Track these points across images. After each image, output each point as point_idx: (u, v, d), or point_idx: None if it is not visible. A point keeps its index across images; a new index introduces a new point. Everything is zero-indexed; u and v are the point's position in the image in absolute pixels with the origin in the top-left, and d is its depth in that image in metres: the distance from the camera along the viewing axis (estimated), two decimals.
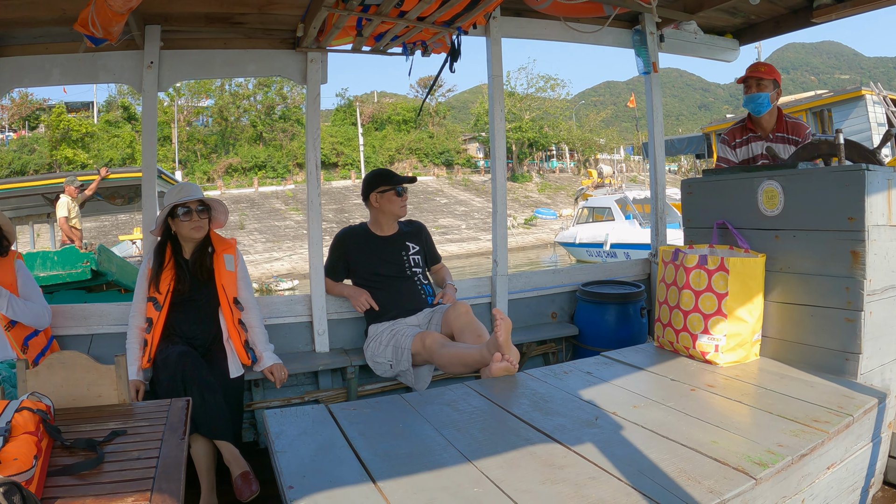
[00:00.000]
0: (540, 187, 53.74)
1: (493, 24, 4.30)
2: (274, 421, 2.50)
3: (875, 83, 15.61)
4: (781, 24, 5.35)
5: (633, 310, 4.48)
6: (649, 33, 4.97)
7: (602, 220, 21.29)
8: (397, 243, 4.01)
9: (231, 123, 52.60)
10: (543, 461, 2.09)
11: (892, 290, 2.95)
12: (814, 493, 2.27)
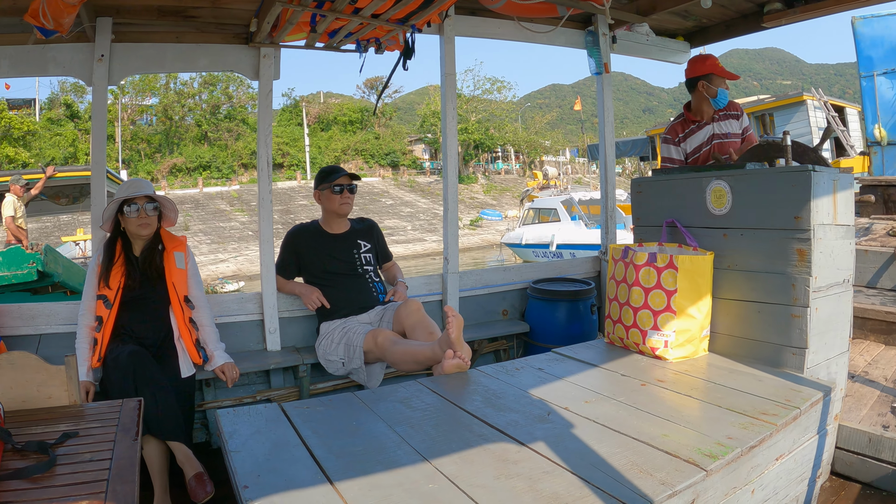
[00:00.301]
0: (485, 189, 53.93)
1: (447, 22, 4.29)
2: (227, 420, 2.44)
3: (816, 89, 16.13)
4: (732, 27, 5.45)
5: (583, 307, 4.51)
6: (602, 34, 5.01)
7: (548, 221, 21.48)
8: (348, 241, 3.98)
9: (176, 122, 51.57)
10: (497, 456, 2.08)
11: (837, 286, 3.04)
12: (763, 483, 2.31)
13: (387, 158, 57.49)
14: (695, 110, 4.23)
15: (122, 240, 3.30)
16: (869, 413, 3.29)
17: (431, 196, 47.44)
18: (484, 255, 30.96)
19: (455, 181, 4.49)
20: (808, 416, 2.58)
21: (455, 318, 3.02)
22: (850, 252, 3.17)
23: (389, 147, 58.74)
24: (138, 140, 49.59)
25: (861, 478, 3.03)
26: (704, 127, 4.19)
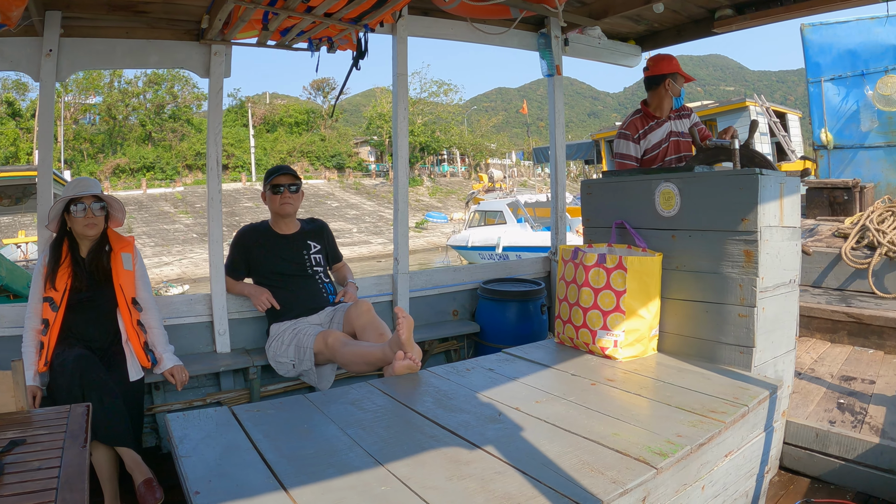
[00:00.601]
0: (431, 191, 53.92)
1: (400, 22, 4.27)
2: (177, 425, 2.39)
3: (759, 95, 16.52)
4: (683, 32, 5.53)
5: (533, 307, 4.54)
6: (554, 37, 5.05)
7: (494, 223, 21.51)
8: (298, 241, 3.95)
9: (119, 122, 50.55)
10: (449, 458, 2.08)
11: (783, 286, 3.10)
12: (713, 479, 2.34)
13: (332, 160, 57.21)
14: (655, 107, 4.27)
15: (68, 240, 3.21)
16: (816, 409, 3.37)
17: (377, 198, 47.38)
18: (430, 257, 30.99)
19: (405, 181, 4.48)
20: (755, 414, 2.62)
21: (405, 319, 3.01)
22: (796, 253, 3.24)
23: (335, 149, 58.46)
24: (81, 140, 48.50)
25: (809, 472, 3.11)
26: (664, 124, 4.25)
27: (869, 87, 7.99)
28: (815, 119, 8.59)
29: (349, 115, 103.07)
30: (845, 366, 4.20)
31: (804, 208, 7.40)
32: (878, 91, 7.83)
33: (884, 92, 7.78)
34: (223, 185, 3.86)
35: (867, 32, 8.03)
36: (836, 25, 8.29)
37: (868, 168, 8.08)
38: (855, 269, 5.26)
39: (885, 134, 7.95)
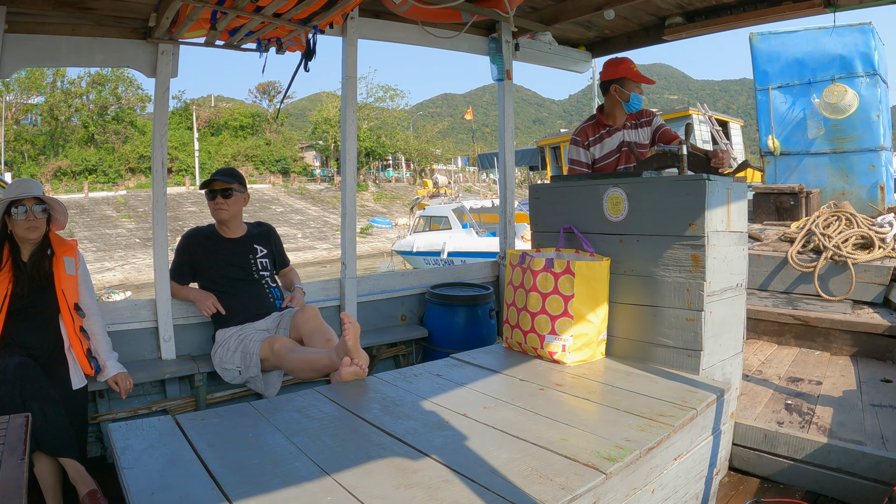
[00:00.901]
0: (376, 196, 53.83)
1: (350, 24, 4.23)
2: (119, 435, 2.32)
3: (701, 104, 16.80)
4: (634, 39, 5.60)
5: (481, 311, 4.54)
6: (505, 42, 5.05)
7: (439, 228, 21.53)
8: (244, 245, 3.90)
9: (62, 123, 48.99)
10: (396, 466, 2.05)
11: (730, 290, 3.13)
12: (662, 483, 2.35)
13: (277, 165, 56.79)
14: (607, 114, 4.15)
15: (9, 244, 3.11)
16: (764, 410, 3.42)
17: (322, 203, 47.14)
18: (374, 262, 31.02)
19: (353, 185, 4.44)
20: (704, 417, 2.64)
21: (351, 324, 2.99)
22: (743, 257, 3.28)
23: (280, 153, 58.02)
24: (22, 141, 46.93)
25: (758, 472, 3.14)
26: (615, 133, 4.13)
27: (816, 96, 8.15)
28: (763, 126, 8.75)
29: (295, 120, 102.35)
30: (792, 367, 4.27)
31: (751, 213, 7.53)
32: (825, 99, 8.00)
33: (830, 100, 7.94)
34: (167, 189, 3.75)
35: (815, 42, 8.20)
36: (785, 35, 8.45)
37: (814, 174, 8.26)
38: (801, 273, 5.35)
39: (830, 141, 8.13)
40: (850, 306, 4.95)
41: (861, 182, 7.98)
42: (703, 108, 16.17)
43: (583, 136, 4.16)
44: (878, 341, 4.50)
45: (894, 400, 3.58)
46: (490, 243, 17.43)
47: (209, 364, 3.70)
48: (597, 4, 4.58)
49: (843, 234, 5.37)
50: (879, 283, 5.03)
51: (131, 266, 28.46)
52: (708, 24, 5.02)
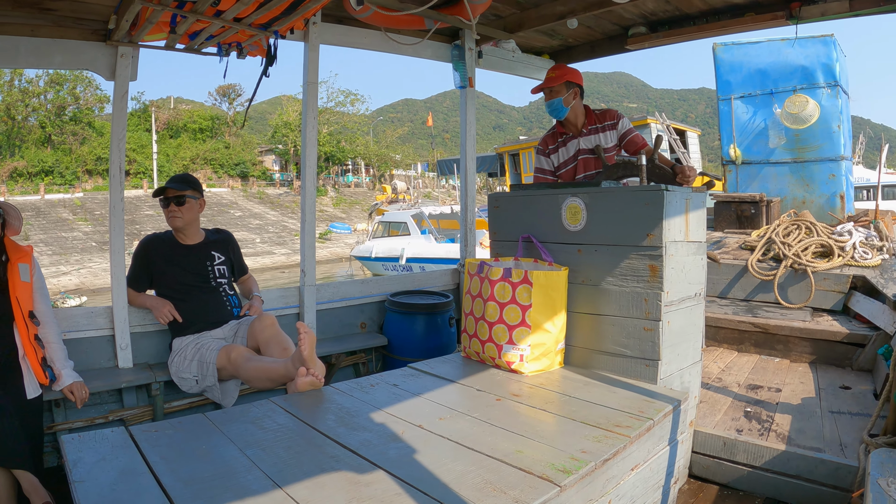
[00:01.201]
0: (335, 201, 53.39)
1: (312, 29, 4.20)
2: (71, 447, 2.28)
3: (660, 113, 17.04)
4: (597, 48, 5.64)
5: (441, 320, 4.54)
6: (468, 49, 5.06)
7: (398, 234, 21.56)
8: (202, 252, 3.85)
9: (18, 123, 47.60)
10: (350, 479, 2.02)
11: (688, 300, 3.15)
12: (619, 493, 2.34)
13: (236, 169, 55.76)
14: (564, 122, 4.18)
15: None
16: (723, 418, 3.43)
17: (281, 208, 46.75)
18: (333, 268, 30.91)
19: (313, 191, 4.42)
20: (661, 426, 2.64)
21: (307, 334, 2.96)
22: (701, 267, 3.29)
23: (239, 157, 57.01)
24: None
25: (718, 480, 3.16)
26: (570, 141, 4.16)
27: (777, 106, 8.27)
28: (725, 135, 8.86)
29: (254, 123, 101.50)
30: (752, 375, 4.30)
31: (712, 221, 7.63)
32: (787, 109, 8.11)
33: (791, 110, 8.06)
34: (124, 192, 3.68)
35: (777, 53, 8.33)
36: (748, 46, 8.57)
37: (775, 183, 8.37)
38: (761, 281, 5.42)
39: (791, 150, 8.25)
40: (810, 314, 5.02)
41: (821, 191, 8.11)
42: (661, 118, 16.44)
43: (544, 144, 4.24)
44: (837, 348, 4.55)
45: (853, 407, 3.62)
46: (449, 249, 17.49)
47: (166, 373, 3.64)
48: (560, 13, 4.60)
49: (802, 242, 5.44)
50: (839, 291, 5.11)
51: (87, 270, 27.95)
52: (671, 35, 5.07)
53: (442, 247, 18.24)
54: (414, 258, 19.05)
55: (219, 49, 3.82)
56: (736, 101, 8.70)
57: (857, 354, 4.44)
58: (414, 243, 19.84)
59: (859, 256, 5.30)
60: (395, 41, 4.64)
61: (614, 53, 5.55)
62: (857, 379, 4.18)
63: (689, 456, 3.19)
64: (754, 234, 6.35)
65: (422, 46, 4.88)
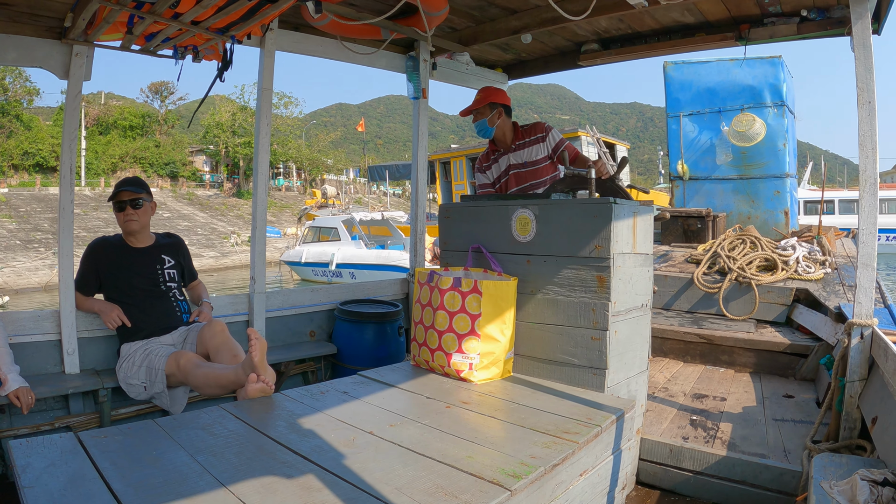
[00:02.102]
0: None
1: (269, 35, 4.19)
2: (19, 453, 2.24)
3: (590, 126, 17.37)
4: (550, 63, 5.72)
5: (390, 329, 4.55)
6: (423, 60, 5.10)
7: (328, 240, 21.47)
8: (152, 256, 3.80)
9: None
10: (301, 485, 2.02)
11: (635, 310, 3.22)
12: (569, 498, 2.38)
13: (166, 168, 54.28)
14: (495, 139, 4.38)
15: None
16: (670, 426, 3.50)
17: (210, 210, 45.74)
18: None
19: (264, 197, 4.40)
20: (609, 433, 2.69)
21: (258, 341, 2.95)
22: (648, 278, 3.37)
23: (169, 157, 55.42)
24: None
25: (665, 486, 3.22)
26: (501, 158, 4.35)
27: (725, 124, 8.47)
28: (673, 151, 9.04)
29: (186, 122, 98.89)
30: (697, 384, 4.38)
31: (659, 235, 7.76)
32: (734, 127, 8.31)
33: (739, 128, 8.26)
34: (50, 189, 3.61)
35: (726, 73, 8.54)
36: (697, 65, 8.77)
37: (721, 198, 8.56)
38: (707, 293, 5.53)
39: (737, 167, 8.45)
40: (754, 325, 5.14)
41: (766, 207, 8.31)
42: (591, 130, 16.76)
43: (480, 163, 4.43)
44: (780, 359, 4.67)
45: (796, 414, 3.72)
46: (379, 255, 17.51)
47: (114, 379, 3.58)
48: (515, 28, 4.66)
49: (747, 256, 5.58)
50: (782, 304, 5.24)
51: (11, 270, 26.95)
52: (623, 52, 5.18)
53: (372, 252, 18.23)
54: (344, 264, 19.02)
55: (175, 52, 3.79)
56: (685, 119, 8.89)
57: (799, 364, 4.56)
58: (344, 249, 19.78)
59: (802, 270, 5.45)
60: (350, 50, 4.66)
61: (567, 69, 5.64)
62: (799, 388, 4.30)
63: (636, 463, 3.24)
64: (700, 248, 6.47)
65: (377, 56, 4.91)
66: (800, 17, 4.33)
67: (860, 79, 3.08)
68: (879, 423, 2.67)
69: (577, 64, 5.44)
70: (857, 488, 2.07)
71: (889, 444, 2.49)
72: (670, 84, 8.99)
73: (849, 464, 2.47)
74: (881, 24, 3.78)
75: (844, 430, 3.02)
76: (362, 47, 4.74)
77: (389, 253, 17.55)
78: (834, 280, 5.32)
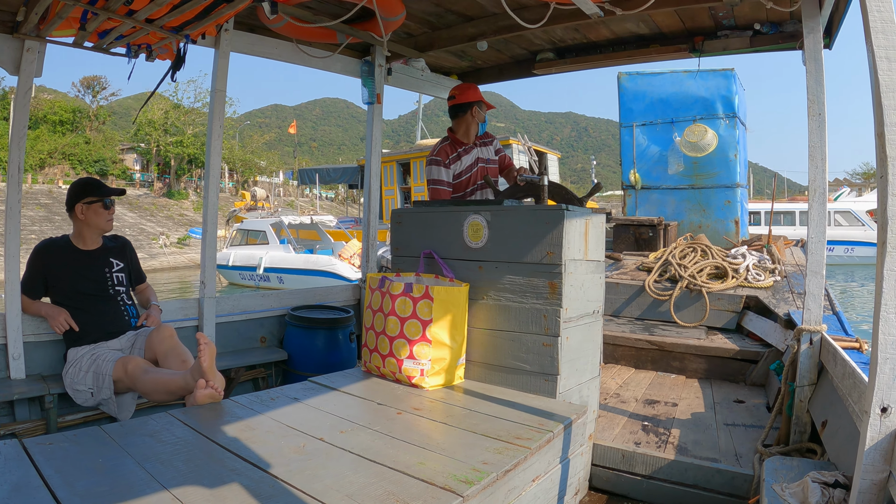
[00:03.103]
0: (196, 206, 50.71)
1: (224, 36, 4.14)
2: None
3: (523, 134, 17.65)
4: (505, 71, 5.76)
5: (342, 335, 4.52)
6: (378, 65, 5.09)
7: (256, 243, 21.00)
8: (100, 259, 3.71)
9: None
10: (251, 492, 1.99)
11: (587, 317, 3.24)
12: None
13: (95, 166, 51.75)
14: (462, 133, 4.43)
15: None
16: (622, 431, 3.52)
17: (139, 210, 44.54)
18: (191, 274, 29.94)
19: (216, 200, 4.34)
20: (561, 439, 2.69)
21: (207, 346, 2.91)
22: (600, 285, 3.39)
23: (99, 154, 53.14)
24: None
25: (618, 491, 3.23)
26: (472, 150, 4.41)
27: (677, 134, 8.61)
28: (626, 161, 9.16)
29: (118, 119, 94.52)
30: (649, 390, 4.43)
31: (611, 243, 7.86)
32: (686, 138, 8.46)
33: (691, 139, 8.41)
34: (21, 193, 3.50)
35: (679, 84, 8.69)
36: (651, 76, 8.92)
37: (672, 207, 8.70)
38: (658, 301, 5.61)
39: (689, 177, 8.59)
40: (705, 332, 5.21)
41: (717, 216, 8.46)
42: (523, 139, 17.03)
43: (443, 154, 4.37)
44: (730, 365, 4.74)
45: (747, 419, 3.78)
46: (307, 260, 17.20)
47: (61, 385, 3.48)
48: (471, 35, 4.69)
49: (698, 264, 5.67)
50: (732, 311, 5.33)
51: None
52: (577, 62, 5.24)
53: (301, 257, 17.87)
54: (272, 268, 18.71)
55: (128, 50, 3.73)
56: (637, 129, 9.02)
57: (750, 370, 4.64)
58: (272, 253, 19.41)
59: (752, 278, 5.55)
60: (305, 53, 4.64)
61: (522, 77, 5.68)
62: (750, 393, 4.37)
63: (588, 468, 3.25)
64: (652, 256, 6.56)
65: (332, 60, 4.89)
66: (753, 30, 4.44)
67: (811, 91, 3.16)
68: (829, 427, 2.72)
69: (532, 72, 5.49)
70: (809, 490, 2.11)
71: (839, 446, 2.55)
72: (624, 94, 9.12)
73: (800, 466, 2.51)
74: (832, 39, 3.88)
75: (795, 433, 3.09)
76: (318, 51, 4.73)
77: (318, 257, 17.17)
78: (783, 288, 5.42)
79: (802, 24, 3.29)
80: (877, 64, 1.76)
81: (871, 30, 1.77)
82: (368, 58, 5.12)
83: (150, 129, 54.25)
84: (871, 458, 1.80)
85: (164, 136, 53.79)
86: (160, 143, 53.74)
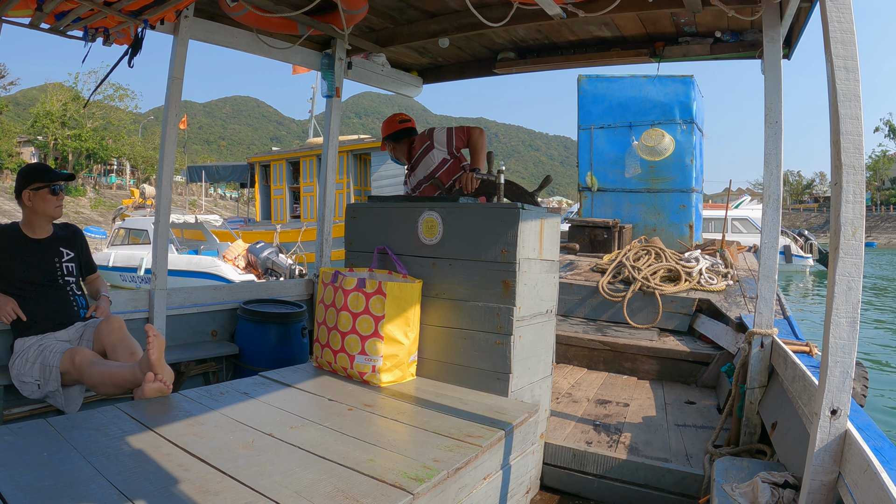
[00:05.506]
0: (93, 203, 49.29)
1: (183, 23, 4.06)
2: None
3: None
4: (466, 69, 5.76)
5: (294, 330, 4.49)
6: (338, 59, 5.05)
7: (139, 242, 19.72)
8: (50, 248, 3.61)
9: None
10: (198, 488, 1.95)
11: (540, 316, 3.25)
12: (472, 502, 2.37)
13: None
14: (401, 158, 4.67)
15: None
16: (574, 431, 3.56)
17: None
18: None
19: (169, 193, 4.26)
20: (512, 437, 2.68)
21: (156, 338, 2.86)
22: (553, 285, 3.40)
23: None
24: None
25: (569, 490, 3.27)
26: (417, 167, 4.47)
27: (635, 138, 8.72)
28: (583, 162, 9.25)
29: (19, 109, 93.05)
30: (601, 390, 4.46)
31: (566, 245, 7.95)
32: (643, 142, 8.57)
33: (648, 143, 8.52)
34: None
35: (638, 88, 8.81)
36: (611, 80, 9.02)
37: (628, 210, 8.81)
38: (611, 302, 5.67)
39: (645, 181, 8.71)
40: (657, 334, 5.28)
41: (672, 220, 8.59)
42: None
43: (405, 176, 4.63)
44: (682, 366, 4.81)
45: (697, 420, 3.84)
46: (190, 261, 16.35)
47: (6, 376, 3.37)
48: (433, 31, 4.68)
49: (652, 266, 5.75)
50: (684, 313, 5.41)
51: None
52: (538, 62, 5.27)
53: (183, 258, 16.79)
54: None
55: (85, 33, 3.63)
56: (596, 131, 9.11)
57: (701, 372, 4.71)
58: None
59: (705, 281, 5.64)
60: (265, 44, 4.58)
61: (482, 76, 5.68)
62: (701, 395, 4.44)
63: (540, 467, 3.28)
64: (606, 258, 6.64)
65: (292, 52, 4.86)
66: (714, 38, 4.50)
67: (769, 99, 3.23)
68: (779, 428, 2.77)
69: (493, 71, 5.50)
70: (759, 490, 2.15)
71: (788, 447, 2.59)
72: (583, 97, 9.21)
73: (750, 467, 2.54)
74: (791, 49, 3.95)
75: (745, 434, 3.15)
76: (278, 42, 4.68)
77: (201, 259, 16.36)
78: (735, 292, 5.51)
79: (763, 33, 3.35)
80: (835, 74, 1.79)
81: (832, 40, 1.81)
82: (329, 51, 5.08)
83: (48, 121, 52.40)
84: (821, 460, 1.84)
85: (62, 129, 52.19)
86: (58, 137, 51.98)
